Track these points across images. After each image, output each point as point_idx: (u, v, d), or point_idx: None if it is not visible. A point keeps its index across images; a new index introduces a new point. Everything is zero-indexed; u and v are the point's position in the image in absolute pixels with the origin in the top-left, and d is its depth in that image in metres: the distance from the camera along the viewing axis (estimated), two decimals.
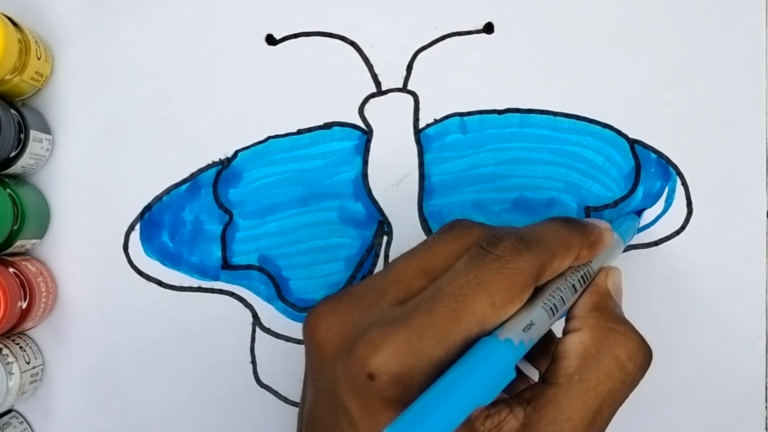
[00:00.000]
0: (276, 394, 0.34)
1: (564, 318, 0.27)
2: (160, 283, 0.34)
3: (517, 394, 0.24)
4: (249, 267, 0.34)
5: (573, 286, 0.27)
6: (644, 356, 0.25)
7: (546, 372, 0.25)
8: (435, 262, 0.25)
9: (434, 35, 0.34)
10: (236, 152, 0.34)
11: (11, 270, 0.31)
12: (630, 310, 0.34)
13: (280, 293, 0.34)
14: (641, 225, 0.34)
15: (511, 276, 0.23)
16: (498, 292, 0.23)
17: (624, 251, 0.34)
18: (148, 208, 0.34)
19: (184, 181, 0.34)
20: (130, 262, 0.34)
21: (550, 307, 0.25)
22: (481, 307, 0.23)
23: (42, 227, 0.34)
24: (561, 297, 0.26)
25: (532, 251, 0.24)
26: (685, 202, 0.34)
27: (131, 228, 0.34)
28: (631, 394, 0.34)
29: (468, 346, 0.22)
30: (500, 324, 0.23)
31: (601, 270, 0.28)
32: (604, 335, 0.25)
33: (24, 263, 0.33)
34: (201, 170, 0.34)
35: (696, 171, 0.34)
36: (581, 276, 0.27)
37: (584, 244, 0.27)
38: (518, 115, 0.34)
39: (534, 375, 0.29)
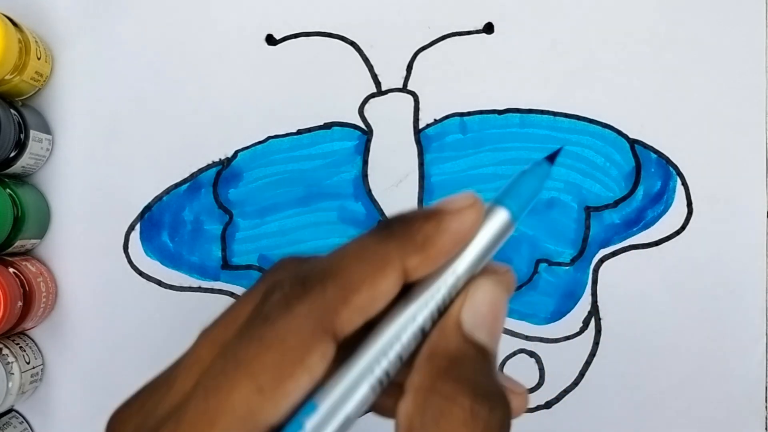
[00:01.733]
0: None
1: None
2: (160, 283, 0.34)
3: None
4: (249, 267, 0.34)
5: (422, 329, 0.18)
6: (484, 425, 0.17)
7: None
8: (234, 328, 0.18)
9: (434, 35, 0.34)
10: (236, 152, 0.34)
11: (11, 270, 0.31)
12: (630, 310, 0.34)
13: None
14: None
15: (277, 345, 0.17)
16: (263, 372, 0.17)
17: (624, 251, 0.34)
18: (148, 208, 0.34)
19: (184, 181, 0.34)
20: (130, 262, 0.34)
21: (379, 381, 0.17)
22: (242, 399, 0.17)
23: (42, 227, 0.34)
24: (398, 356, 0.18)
25: (310, 297, 0.17)
26: (685, 202, 0.34)
27: (131, 228, 0.34)
28: (630, 394, 0.34)
29: None
30: (283, 408, 0.17)
31: (468, 284, 0.18)
32: (428, 402, 0.17)
33: (24, 263, 0.33)
34: (201, 170, 0.34)
35: (696, 171, 0.34)
36: (438, 305, 0.18)
37: (408, 250, 0.18)
38: (518, 115, 0.34)
39: None
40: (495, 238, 0.18)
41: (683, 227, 0.34)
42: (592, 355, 0.34)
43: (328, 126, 0.34)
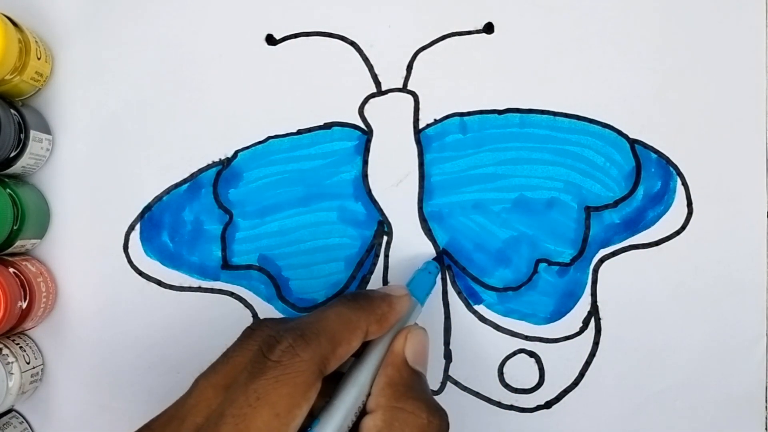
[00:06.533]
0: None
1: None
2: (160, 283, 0.34)
3: None
4: (249, 267, 0.34)
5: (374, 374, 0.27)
6: (436, 430, 0.25)
7: None
8: (234, 375, 0.24)
9: (434, 35, 0.34)
10: (236, 152, 0.34)
11: (11, 270, 0.31)
12: (630, 310, 0.34)
13: (280, 293, 0.34)
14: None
15: (290, 381, 0.23)
16: (279, 401, 0.23)
17: (624, 251, 0.34)
18: (148, 208, 0.34)
19: (184, 181, 0.34)
20: (130, 262, 0.34)
21: (358, 408, 0.25)
22: (264, 422, 0.22)
23: (42, 227, 0.34)
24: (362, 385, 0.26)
25: (311, 347, 0.24)
26: (685, 202, 0.34)
27: (131, 228, 0.34)
28: (630, 394, 0.34)
29: None
30: (292, 428, 0.23)
31: (400, 333, 0.28)
32: (394, 416, 0.25)
33: (24, 263, 0.33)
34: (201, 170, 0.34)
35: (696, 171, 0.34)
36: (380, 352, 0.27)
37: (371, 320, 0.26)
38: (518, 115, 0.34)
39: None
40: (414, 308, 0.29)
41: (683, 227, 0.34)
42: (592, 355, 0.34)
43: (328, 126, 0.34)
